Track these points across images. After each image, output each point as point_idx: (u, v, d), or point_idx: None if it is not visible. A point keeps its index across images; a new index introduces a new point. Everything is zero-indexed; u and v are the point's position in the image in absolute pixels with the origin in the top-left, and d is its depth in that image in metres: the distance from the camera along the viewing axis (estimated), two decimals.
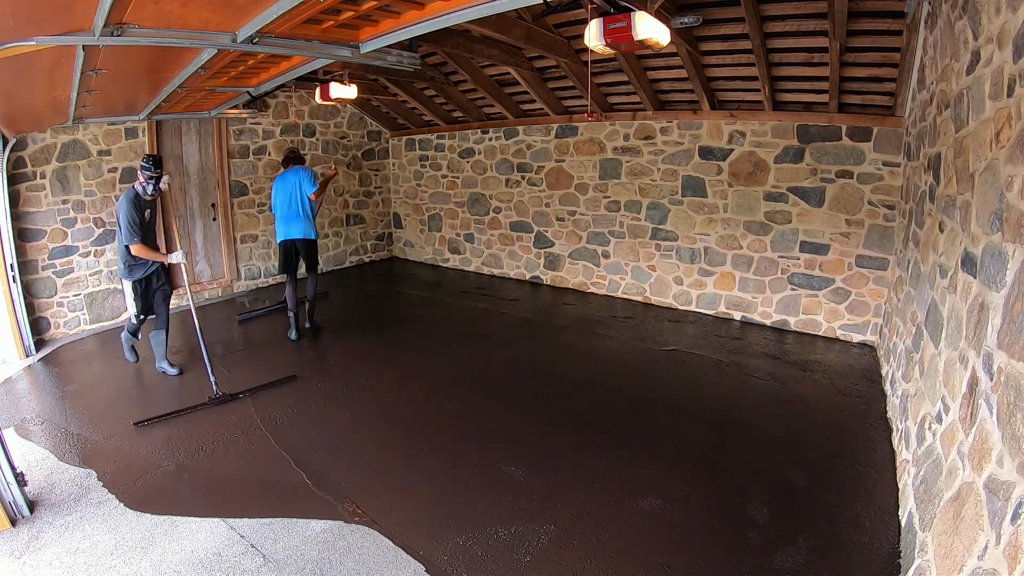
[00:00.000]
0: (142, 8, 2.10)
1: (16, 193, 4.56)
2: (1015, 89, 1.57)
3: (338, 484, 2.71)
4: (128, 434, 3.19)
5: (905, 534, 2.18)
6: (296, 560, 2.20)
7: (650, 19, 2.43)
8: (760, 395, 3.68)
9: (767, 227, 4.83)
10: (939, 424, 2.01)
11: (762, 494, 2.59)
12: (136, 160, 5.34)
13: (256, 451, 3.02)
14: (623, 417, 3.38)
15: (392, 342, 4.82)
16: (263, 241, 6.54)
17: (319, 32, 2.93)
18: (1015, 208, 1.49)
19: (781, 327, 4.88)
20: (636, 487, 2.67)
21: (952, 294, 2.07)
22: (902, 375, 2.99)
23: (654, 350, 4.50)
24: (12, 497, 2.38)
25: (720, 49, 4.09)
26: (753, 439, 3.09)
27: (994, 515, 1.35)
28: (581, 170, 5.96)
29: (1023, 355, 1.33)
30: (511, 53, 4.75)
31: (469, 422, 3.32)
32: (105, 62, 2.83)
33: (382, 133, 7.84)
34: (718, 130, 4.95)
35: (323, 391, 3.76)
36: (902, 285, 3.45)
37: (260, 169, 6.46)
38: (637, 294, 5.78)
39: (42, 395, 3.77)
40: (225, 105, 5.49)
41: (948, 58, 2.46)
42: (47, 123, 4.56)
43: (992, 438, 1.45)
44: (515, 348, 4.65)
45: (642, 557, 2.21)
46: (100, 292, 5.18)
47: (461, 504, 2.56)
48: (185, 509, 2.51)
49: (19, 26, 2.00)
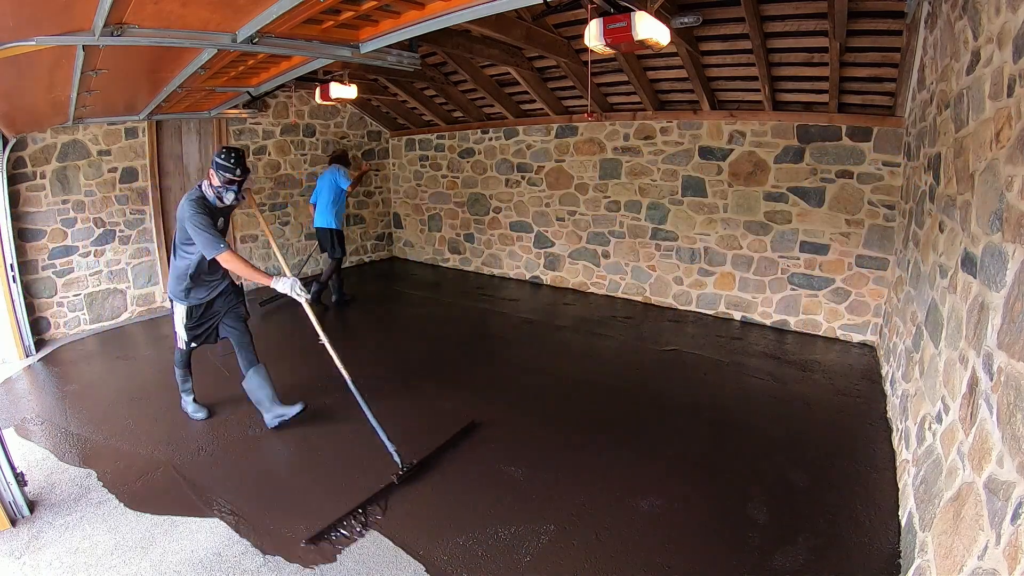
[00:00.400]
0: (142, 8, 2.10)
1: (16, 193, 4.55)
2: (1015, 89, 1.57)
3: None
4: (128, 434, 3.19)
5: (905, 534, 2.18)
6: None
7: (650, 19, 2.43)
8: (760, 395, 3.68)
9: (767, 227, 4.83)
10: (939, 424, 2.01)
11: (762, 494, 2.59)
12: (136, 160, 5.34)
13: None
14: (623, 417, 3.38)
15: (392, 342, 4.82)
16: (263, 241, 6.54)
17: (319, 32, 2.93)
18: (1015, 208, 1.49)
19: (781, 327, 4.88)
20: (636, 487, 2.67)
21: (952, 294, 2.07)
22: (902, 375, 2.99)
23: (654, 350, 4.50)
24: (12, 497, 2.37)
25: (720, 49, 4.09)
26: (753, 439, 3.09)
27: (994, 515, 1.35)
28: (581, 170, 5.96)
29: (1023, 355, 1.33)
30: (511, 53, 4.75)
31: (467, 422, 3.32)
32: (105, 62, 2.83)
33: (382, 133, 7.84)
34: (718, 130, 4.95)
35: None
36: (902, 285, 3.45)
37: (260, 169, 6.46)
38: (637, 294, 5.78)
39: (42, 395, 3.77)
40: (225, 105, 5.50)
41: (948, 58, 2.46)
42: (47, 123, 4.56)
43: (992, 438, 1.45)
44: (515, 348, 4.65)
45: (642, 557, 2.21)
46: (100, 292, 5.18)
47: (461, 504, 2.56)
48: (185, 509, 2.51)
49: (19, 26, 2.00)
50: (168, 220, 5.67)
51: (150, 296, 5.57)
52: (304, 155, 6.87)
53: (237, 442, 3.11)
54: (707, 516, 2.46)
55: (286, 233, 6.79)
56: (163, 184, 5.63)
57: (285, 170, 6.70)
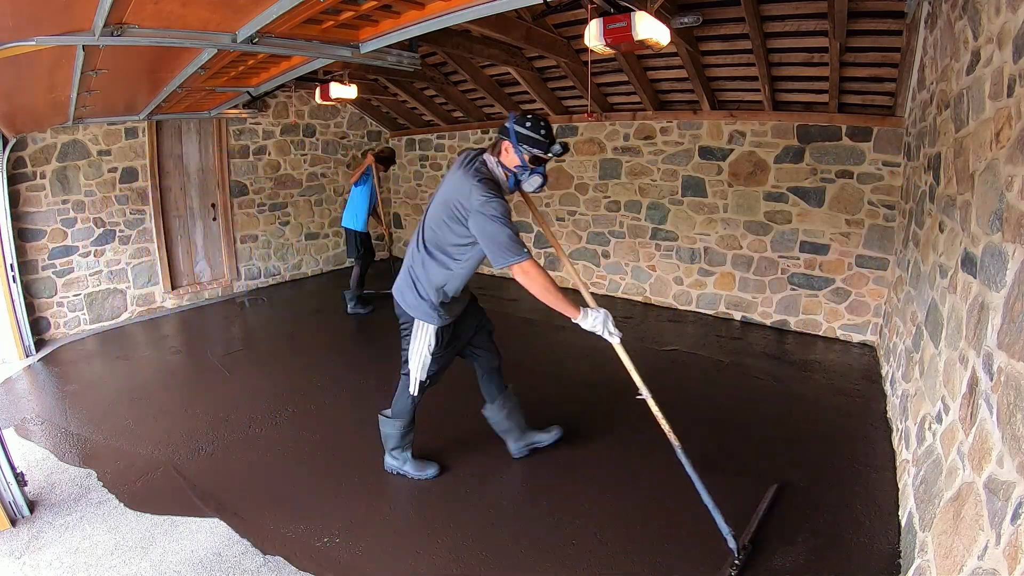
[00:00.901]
0: (142, 8, 2.10)
1: (16, 193, 4.56)
2: (1015, 89, 1.57)
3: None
4: (128, 434, 3.19)
5: (905, 534, 2.18)
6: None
7: (650, 19, 2.43)
8: (760, 395, 3.68)
9: (767, 227, 4.83)
10: (939, 424, 2.01)
11: (762, 494, 2.58)
12: (136, 160, 5.33)
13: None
14: (623, 417, 3.37)
15: (391, 342, 4.81)
16: (263, 241, 6.54)
17: (319, 32, 2.93)
18: (1015, 208, 1.49)
19: (781, 327, 4.88)
20: (636, 487, 2.67)
21: (952, 294, 2.07)
22: (902, 375, 2.99)
23: (654, 350, 4.50)
24: (12, 497, 2.38)
25: (720, 49, 4.09)
26: (753, 439, 3.09)
27: (994, 515, 1.35)
28: (581, 170, 5.96)
29: (1023, 355, 1.33)
30: (511, 53, 4.75)
31: (467, 422, 3.31)
32: (105, 62, 2.83)
33: (382, 133, 7.84)
34: (718, 130, 4.95)
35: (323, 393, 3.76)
36: (902, 285, 3.45)
37: (260, 169, 6.46)
38: (637, 294, 5.78)
39: (42, 395, 3.77)
40: (225, 105, 5.49)
41: (948, 58, 2.46)
42: (47, 123, 4.56)
43: (992, 438, 1.45)
44: (515, 348, 4.64)
45: (642, 557, 2.21)
46: (100, 292, 5.18)
47: (461, 505, 2.56)
48: (185, 509, 2.51)
49: (19, 26, 2.00)
50: (168, 220, 5.69)
51: (150, 296, 5.57)
52: (304, 155, 6.87)
53: (237, 442, 3.11)
54: (707, 516, 2.45)
55: (286, 233, 6.79)
56: (163, 184, 5.63)
57: (285, 170, 6.69)
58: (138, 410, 3.48)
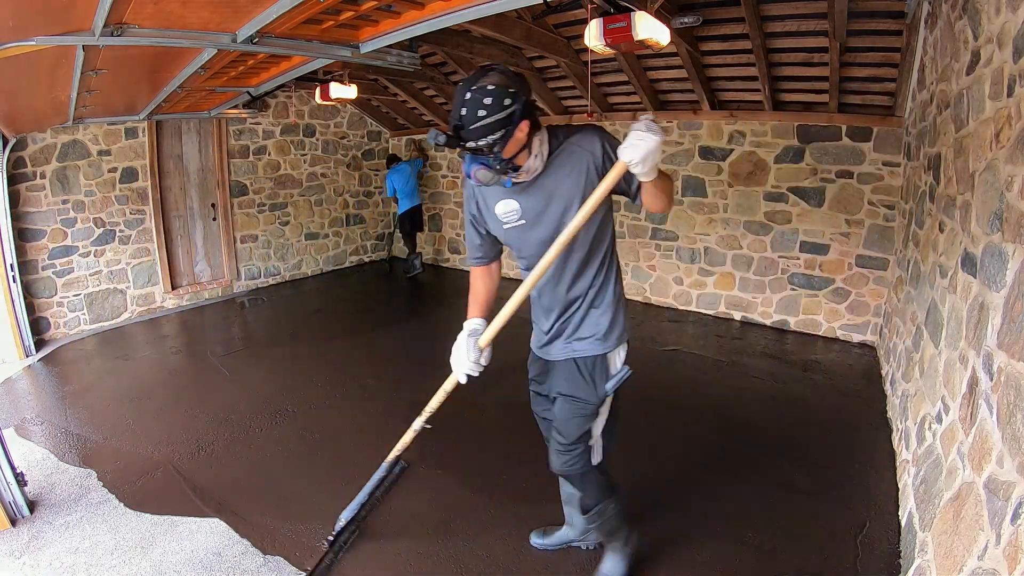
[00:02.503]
0: (142, 8, 2.10)
1: (16, 193, 4.56)
2: (1015, 89, 1.57)
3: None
4: (128, 434, 3.19)
5: (905, 534, 2.18)
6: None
7: (650, 19, 2.43)
8: (760, 395, 3.68)
9: (767, 227, 4.83)
10: (939, 424, 2.01)
11: (761, 494, 2.58)
12: (136, 160, 5.34)
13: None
14: (622, 416, 3.37)
15: (391, 342, 4.82)
16: (263, 241, 6.54)
17: (319, 32, 2.93)
18: (1015, 208, 1.49)
19: (781, 327, 4.88)
20: (635, 487, 2.66)
21: (952, 294, 2.07)
22: (902, 375, 2.99)
23: (654, 350, 4.50)
24: (12, 497, 2.38)
25: (720, 49, 4.08)
26: (753, 439, 3.09)
27: (994, 515, 1.35)
28: None
29: (1023, 355, 1.34)
30: (511, 53, 4.75)
31: (466, 422, 3.32)
32: (105, 62, 2.83)
33: (382, 133, 7.84)
34: (718, 130, 4.95)
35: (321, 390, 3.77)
36: (902, 285, 3.45)
37: (260, 169, 6.46)
38: (637, 294, 5.78)
39: (42, 395, 3.77)
40: (225, 105, 5.50)
41: (948, 58, 2.46)
42: (47, 123, 4.56)
43: (992, 438, 1.45)
44: (515, 348, 4.64)
45: (641, 557, 2.21)
46: (100, 292, 5.18)
47: (461, 503, 2.56)
48: (185, 509, 2.51)
49: (19, 26, 2.00)
50: (168, 220, 5.69)
51: (150, 296, 5.57)
52: (304, 155, 6.87)
53: (237, 442, 3.11)
54: (707, 515, 2.46)
55: (286, 233, 6.79)
56: (163, 184, 5.63)
57: (285, 170, 6.69)
58: (138, 410, 3.48)
